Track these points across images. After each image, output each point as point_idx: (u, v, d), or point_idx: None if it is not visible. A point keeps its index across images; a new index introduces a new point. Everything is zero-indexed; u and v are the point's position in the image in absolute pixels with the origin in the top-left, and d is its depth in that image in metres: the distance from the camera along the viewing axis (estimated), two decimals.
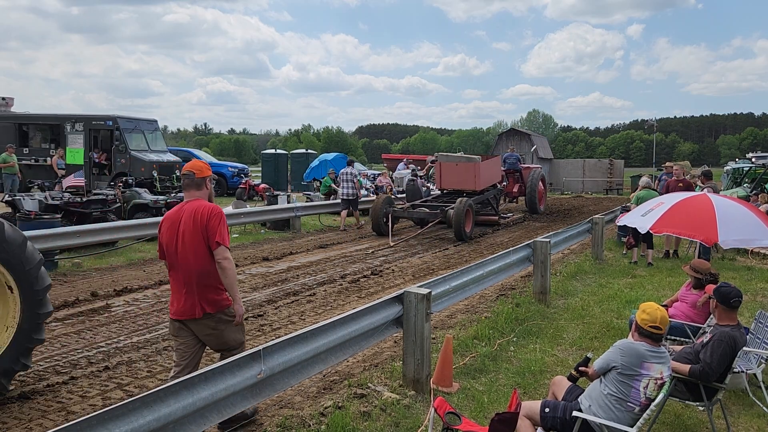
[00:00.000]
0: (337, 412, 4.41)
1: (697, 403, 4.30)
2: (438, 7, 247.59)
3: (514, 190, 19.81)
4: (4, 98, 22.53)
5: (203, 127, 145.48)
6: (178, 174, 20.55)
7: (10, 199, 11.41)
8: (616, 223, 9.22)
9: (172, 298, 4.13)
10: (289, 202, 16.43)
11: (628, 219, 6.69)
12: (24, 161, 20.29)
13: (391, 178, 23.29)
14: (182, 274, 4.02)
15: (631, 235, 11.12)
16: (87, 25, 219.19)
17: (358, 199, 16.31)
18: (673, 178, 12.17)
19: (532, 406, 3.80)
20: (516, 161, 20.11)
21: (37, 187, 16.16)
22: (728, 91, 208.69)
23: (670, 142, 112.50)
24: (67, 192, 13.35)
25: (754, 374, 4.90)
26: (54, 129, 21.39)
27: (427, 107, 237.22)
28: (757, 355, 4.89)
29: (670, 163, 16.21)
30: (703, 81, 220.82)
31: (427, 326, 5.00)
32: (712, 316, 4.91)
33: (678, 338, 5.64)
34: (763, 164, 21.11)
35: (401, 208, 15.07)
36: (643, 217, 6.17)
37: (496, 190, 17.53)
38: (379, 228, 14.55)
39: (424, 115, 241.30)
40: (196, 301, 4.00)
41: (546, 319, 7.33)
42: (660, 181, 13.70)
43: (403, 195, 17.84)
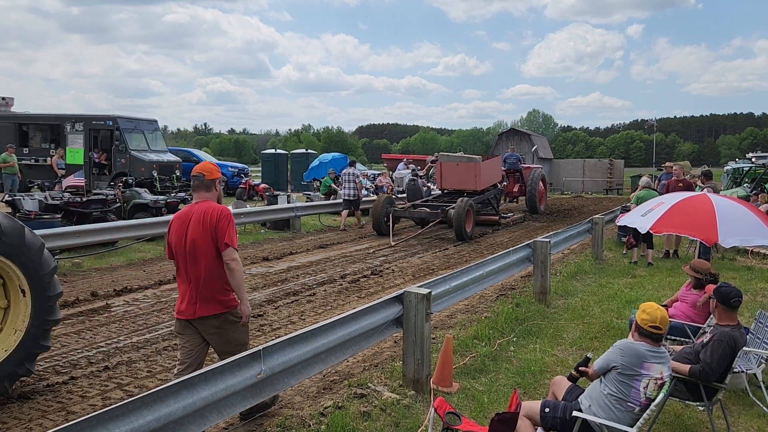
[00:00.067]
0: (337, 412, 4.41)
1: (697, 403, 4.30)
2: (438, 7, 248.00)
3: (515, 190, 19.83)
4: (4, 98, 22.54)
5: (203, 127, 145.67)
6: (178, 174, 20.56)
7: (10, 199, 11.41)
8: (616, 223, 9.21)
9: (180, 297, 4.16)
10: (289, 202, 16.43)
11: (628, 219, 6.69)
12: (24, 161, 20.30)
13: (391, 178, 23.29)
14: (190, 274, 4.05)
15: (631, 235, 11.12)
16: (87, 25, 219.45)
17: (359, 200, 16.34)
18: (673, 179, 12.19)
19: (532, 406, 3.81)
20: (516, 161, 20.13)
21: (37, 187, 16.11)
22: (728, 91, 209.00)
23: (670, 142, 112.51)
24: (67, 192, 13.31)
25: (754, 374, 4.90)
26: (54, 129, 21.40)
27: (427, 107, 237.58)
28: (757, 355, 4.89)
29: (670, 163, 16.22)
30: (703, 81, 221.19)
31: (427, 326, 5.00)
32: (712, 316, 4.91)
33: (678, 338, 5.64)
34: (763, 164, 21.12)
35: (402, 208, 15.09)
36: (643, 217, 6.17)
37: (497, 190, 17.55)
38: (380, 228, 14.56)
39: (424, 115, 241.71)
40: (204, 301, 4.02)
41: (546, 319, 7.33)
42: (660, 182, 13.70)
43: (404, 195, 17.86)
